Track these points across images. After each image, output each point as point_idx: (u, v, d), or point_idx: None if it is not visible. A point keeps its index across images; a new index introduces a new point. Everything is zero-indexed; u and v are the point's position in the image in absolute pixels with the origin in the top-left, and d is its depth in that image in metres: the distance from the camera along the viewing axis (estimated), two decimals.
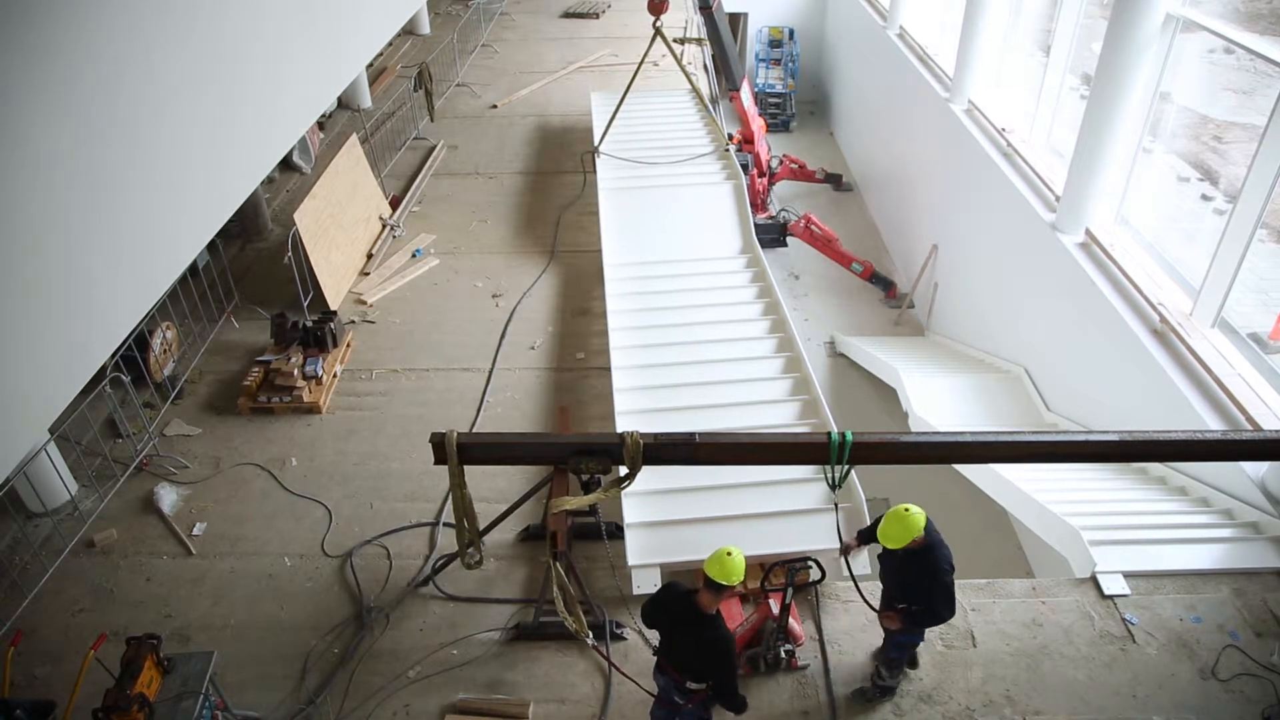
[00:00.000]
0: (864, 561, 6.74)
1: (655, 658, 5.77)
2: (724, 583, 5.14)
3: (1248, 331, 8.80)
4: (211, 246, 10.33)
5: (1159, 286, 9.43)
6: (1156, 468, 8.96)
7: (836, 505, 6.22)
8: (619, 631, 6.83)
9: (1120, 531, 7.53)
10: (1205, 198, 11.51)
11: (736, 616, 6.68)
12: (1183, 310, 9.02)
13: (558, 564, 6.28)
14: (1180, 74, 10.57)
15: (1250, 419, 7.79)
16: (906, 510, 5.51)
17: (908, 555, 5.62)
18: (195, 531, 8.04)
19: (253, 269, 12.03)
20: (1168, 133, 11.79)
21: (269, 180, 13.94)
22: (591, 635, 6.22)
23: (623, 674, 6.37)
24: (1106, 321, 9.51)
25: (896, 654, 6.15)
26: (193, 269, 10.16)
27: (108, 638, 5.99)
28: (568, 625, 6.14)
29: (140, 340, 9.15)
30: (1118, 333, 9.28)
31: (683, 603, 5.40)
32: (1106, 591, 6.97)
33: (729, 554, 5.19)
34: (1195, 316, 8.90)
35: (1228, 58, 11.61)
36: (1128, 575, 7.08)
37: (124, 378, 8.62)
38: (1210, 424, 7.94)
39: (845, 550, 6.22)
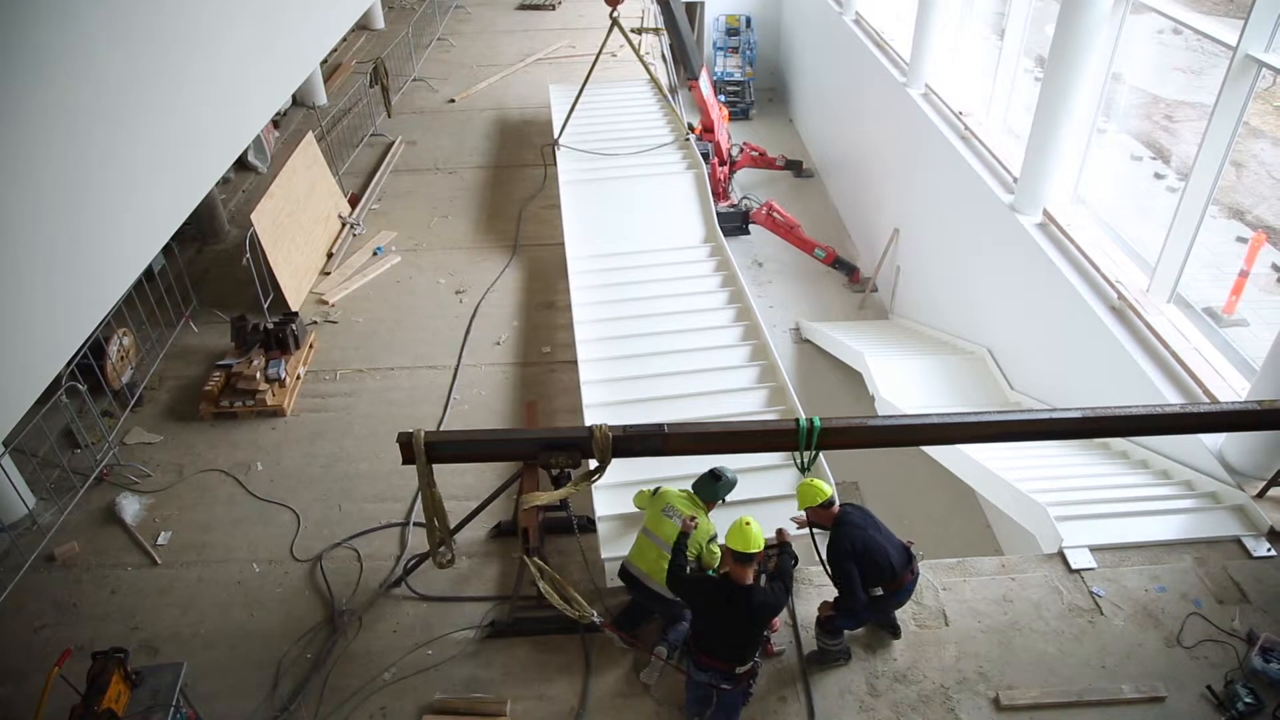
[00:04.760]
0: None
1: (693, 659, 5.82)
2: (749, 551, 5.50)
3: (1203, 306, 8.99)
4: (167, 250, 10.14)
5: (1116, 264, 9.58)
6: (1118, 442, 9.11)
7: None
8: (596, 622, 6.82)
9: (1085, 506, 7.65)
10: (1158, 176, 11.73)
11: None
12: (1140, 287, 9.18)
13: (535, 558, 6.27)
14: (1131, 55, 10.74)
15: (1207, 391, 7.95)
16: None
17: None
18: (160, 541, 7.90)
19: (210, 272, 11.83)
20: (1120, 113, 11.98)
21: (224, 181, 13.70)
22: (597, 614, 6.22)
23: (632, 644, 6.46)
24: (1066, 300, 9.64)
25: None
26: (148, 273, 9.98)
27: (72, 653, 5.86)
28: (568, 614, 6.13)
29: (96, 348, 8.97)
30: (1077, 311, 9.42)
31: (719, 585, 5.65)
32: (1074, 566, 7.08)
33: (747, 524, 5.58)
34: (1152, 293, 9.06)
35: (1176, 38, 11.82)
36: (1094, 549, 7.20)
37: (80, 386, 8.43)
38: (1169, 398, 8.09)
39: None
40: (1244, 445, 7.62)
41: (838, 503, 6.14)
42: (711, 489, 6.48)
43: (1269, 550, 7.12)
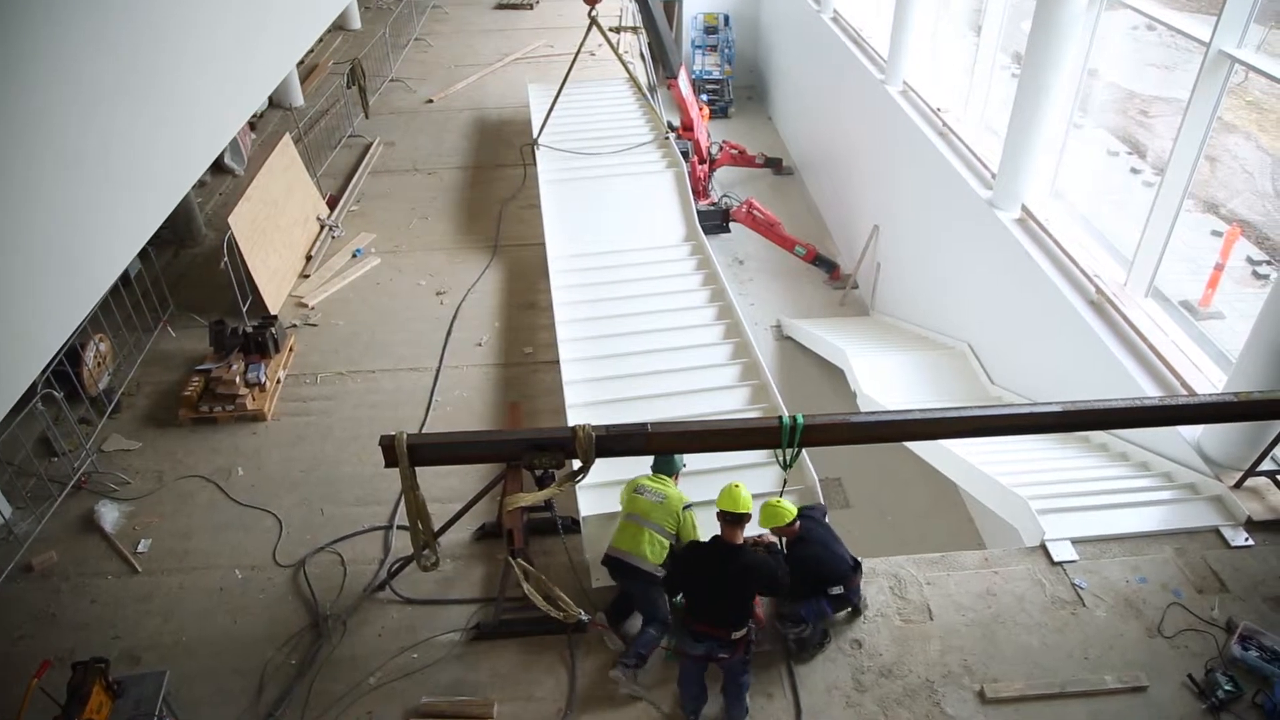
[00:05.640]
0: None
1: (689, 632, 5.88)
2: (738, 512, 5.73)
3: (1179, 299, 9.08)
4: (143, 254, 10.05)
5: (1094, 259, 9.65)
6: (1098, 435, 9.19)
7: (785, 482, 6.31)
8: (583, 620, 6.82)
9: (1067, 499, 7.71)
10: (1134, 170, 11.83)
11: None
12: (1117, 281, 9.25)
13: (520, 560, 6.26)
14: (1106, 51, 10.83)
15: (1185, 384, 8.03)
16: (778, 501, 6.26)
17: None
18: (140, 548, 7.81)
19: (188, 276, 11.72)
20: (1096, 108, 12.07)
21: (200, 184, 13.59)
22: (583, 613, 6.29)
23: (616, 635, 6.57)
24: (1045, 294, 9.71)
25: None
26: (125, 278, 9.87)
27: (52, 664, 5.80)
28: (553, 615, 6.20)
29: (72, 354, 8.86)
30: (1056, 305, 9.49)
31: (710, 548, 5.86)
32: (1056, 558, 7.14)
33: (736, 486, 5.82)
34: (1129, 287, 9.13)
35: (1150, 34, 11.93)
36: (1075, 541, 7.25)
37: (56, 393, 8.34)
38: (1147, 391, 8.17)
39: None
40: (1221, 437, 7.71)
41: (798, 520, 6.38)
42: (668, 462, 6.76)
43: (1246, 540, 7.20)
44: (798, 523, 6.33)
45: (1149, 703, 6.14)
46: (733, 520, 5.78)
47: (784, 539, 6.45)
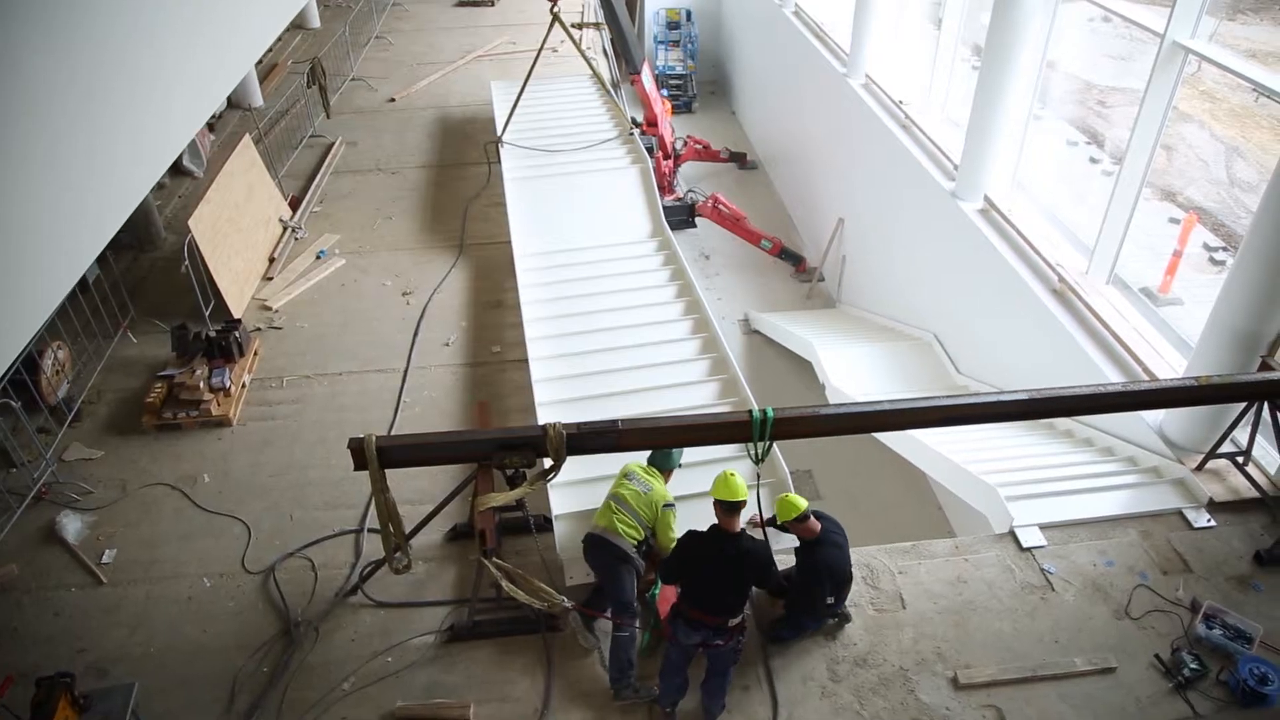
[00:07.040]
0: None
1: (684, 619, 5.87)
2: (735, 499, 5.75)
3: (1140, 286, 9.23)
4: (102, 259, 9.84)
5: (1056, 248, 9.79)
6: (1063, 422, 9.32)
7: (759, 477, 6.32)
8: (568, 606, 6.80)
9: (1034, 486, 7.82)
10: (1093, 160, 12.01)
11: (671, 597, 6.71)
12: (1079, 269, 9.39)
13: (494, 560, 6.23)
14: (1064, 43, 10.98)
15: (1146, 369, 8.17)
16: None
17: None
18: (105, 559, 7.67)
19: (148, 280, 11.51)
20: (1055, 100, 12.23)
21: (159, 186, 13.34)
22: (567, 599, 6.35)
23: (588, 632, 6.63)
24: (1008, 284, 9.83)
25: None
26: (82, 283, 9.67)
27: (15, 680, 5.68)
28: (538, 607, 6.24)
29: (29, 362, 8.67)
30: (1019, 294, 9.61)
31: (708, 535, 5.87)
32: (1024, 544, 7.23)
33: (730, 475, 5.83)
34: (1091, 275, 9.28)
35: (1106, 26, 12.11)
36: (1043, 527, 7.36)
37: (14, 403, 8.16)
38: (1110, 377, 8.30)
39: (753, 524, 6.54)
40: (1183, 420, 7.85)
41: (813, 517, 6.26)
42: (665, 457, 6.82)
43: (1209, 521, 7.35)
44: (817, 522, 6.24)
45: (1118, 683, 6.25)
46: (729, 508, 5.79)
47: (803, 539, 6.32)
